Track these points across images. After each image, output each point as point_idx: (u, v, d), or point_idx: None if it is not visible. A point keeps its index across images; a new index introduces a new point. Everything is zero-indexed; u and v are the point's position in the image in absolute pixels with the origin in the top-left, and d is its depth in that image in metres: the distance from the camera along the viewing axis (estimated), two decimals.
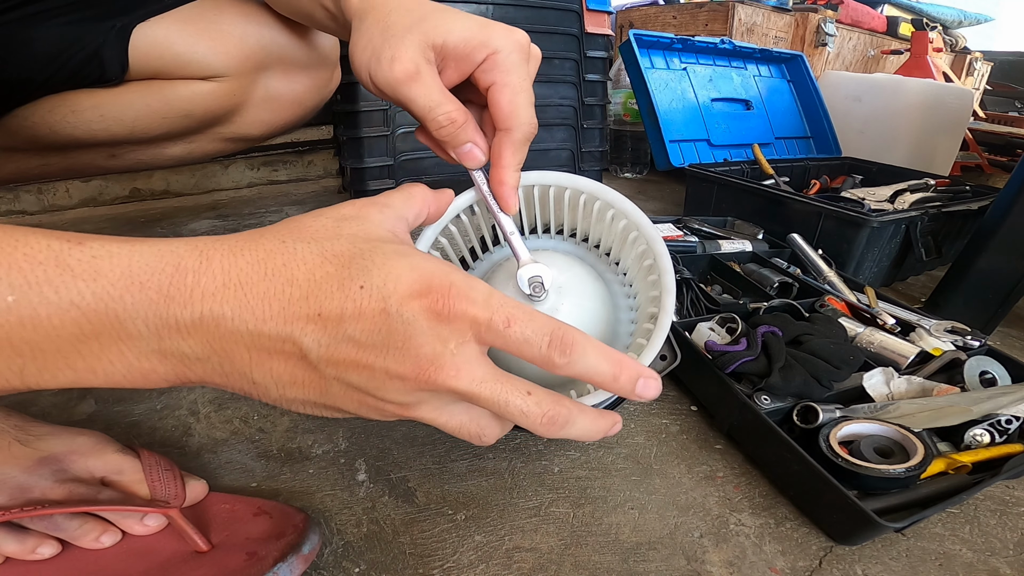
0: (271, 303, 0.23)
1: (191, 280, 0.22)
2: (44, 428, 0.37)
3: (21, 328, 0.20)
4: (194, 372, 0.24)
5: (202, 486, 0.40)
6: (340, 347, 0.23)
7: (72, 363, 0.22)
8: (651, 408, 0.56)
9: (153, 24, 0.51)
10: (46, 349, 0.21)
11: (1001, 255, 0.74)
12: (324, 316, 0.23)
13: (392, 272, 0.24)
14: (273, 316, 0.23)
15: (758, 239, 0.91)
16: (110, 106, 0.53)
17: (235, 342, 0.23)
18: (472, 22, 0.33)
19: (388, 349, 0.23)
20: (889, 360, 0.58)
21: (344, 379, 0.24)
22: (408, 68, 0.31)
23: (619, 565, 0.39)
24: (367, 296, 0.23)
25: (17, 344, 0.21)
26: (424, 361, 0.24)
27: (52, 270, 0.21)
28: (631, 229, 0.40)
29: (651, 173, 1.65)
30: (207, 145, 0.63)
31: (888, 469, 0.42)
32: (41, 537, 0.34)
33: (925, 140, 1.51)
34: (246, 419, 0.52)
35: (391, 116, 1.04)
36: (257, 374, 0.24)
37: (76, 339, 0.21)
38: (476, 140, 0.34)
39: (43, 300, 0.20)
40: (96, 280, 0.21)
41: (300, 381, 0.25)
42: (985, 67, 2.68)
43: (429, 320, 0.23)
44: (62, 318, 0.21)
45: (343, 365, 0.24)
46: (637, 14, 1.91)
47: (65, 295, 0.21)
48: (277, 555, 0.34)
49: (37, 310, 0.20)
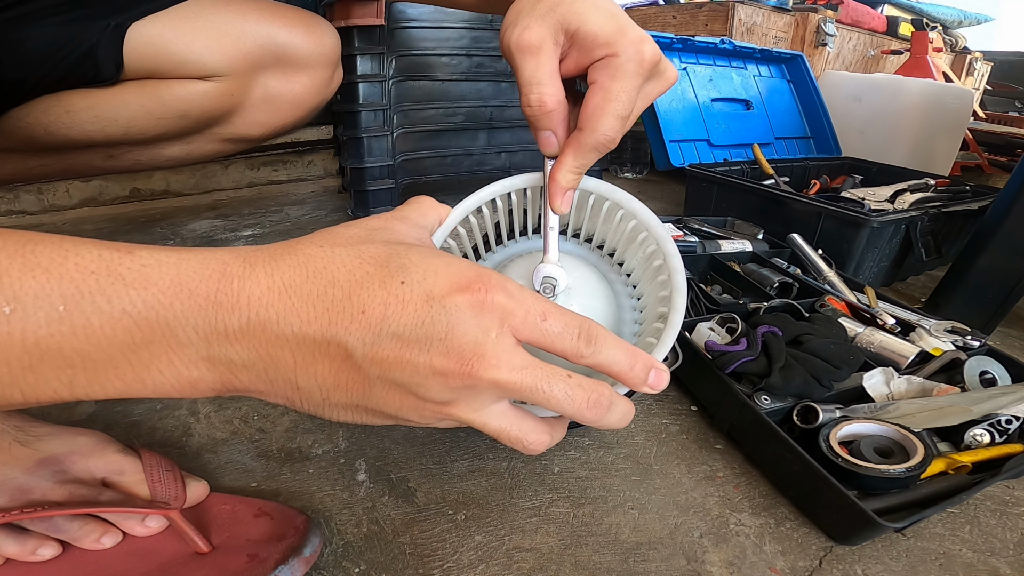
0: (315, 304, 0.23)
1: (236, 286, 0.23)
2: (44, 428, 0.37)
3: (73, 338, 0.21)
4: (240, 380, 0.24)
5: (203, 487, 0.40)
6: (384, 344, 0.23)
7: (122, 373, 0.22)
8: (651, 408, 0.57)
9: (148, 23, 0.50)
10: (97, 359, 0.21)
11: (1001, 255, 0.74)
12: (368, 313, 0.23)
13: (431, 268, 0.24)
14: (317, 318, 0.23)
15: (758, 239, 0.91)
16: (105, 106, 0.53)
17: (281, 346, 0.23)
18: (611, 20, 0.32)
19: (431, 342, 0.23)
20: (889, 360, 0.58)
21: (387, 377, 0.24)
22: (532, 40, 0.31)
23: (619, 565, 0.39)
24: (409, 291, 0.23)
25: (68, 355, 0.21)
26: (467, 351, 0.24)
27: (104, 279, 0.21)
28: (640, 230, 0.39)
29: (651, 173, 1.65)
30: (206, 146, 0.62)
31: (888, 469, 0.42)
32: (42, 538, 0.34)
33: (925, 140, 1.51)
34: (246, 419, 0.52)
35: (391, 116, 1.04)
36: (302, 378, 0.24)
37: (127, 348, 0.21)
38: (557, 130, 0.33)
39: (96, 309, 0.21)
40: (147, 288, 0.21)
41: (344, 384, 0.25)
42: (985, 67, 2.68)
43: (471, 310, 0.24)
44: (114, 327, 0.21)
45: (387, 363, 0.24)
46: (637, 14, 1.91)
47: (117, 304, 0.21)
48: (278, 557, 0.34)
49: (90, 319, 0.21)
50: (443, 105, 1.08)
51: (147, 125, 0.55)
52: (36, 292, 0.20)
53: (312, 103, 0.64)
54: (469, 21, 1.07)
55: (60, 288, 0.20)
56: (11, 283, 0.20)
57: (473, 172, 1.12)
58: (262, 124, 0.62)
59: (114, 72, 0.51)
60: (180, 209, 1.17)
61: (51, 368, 0.21)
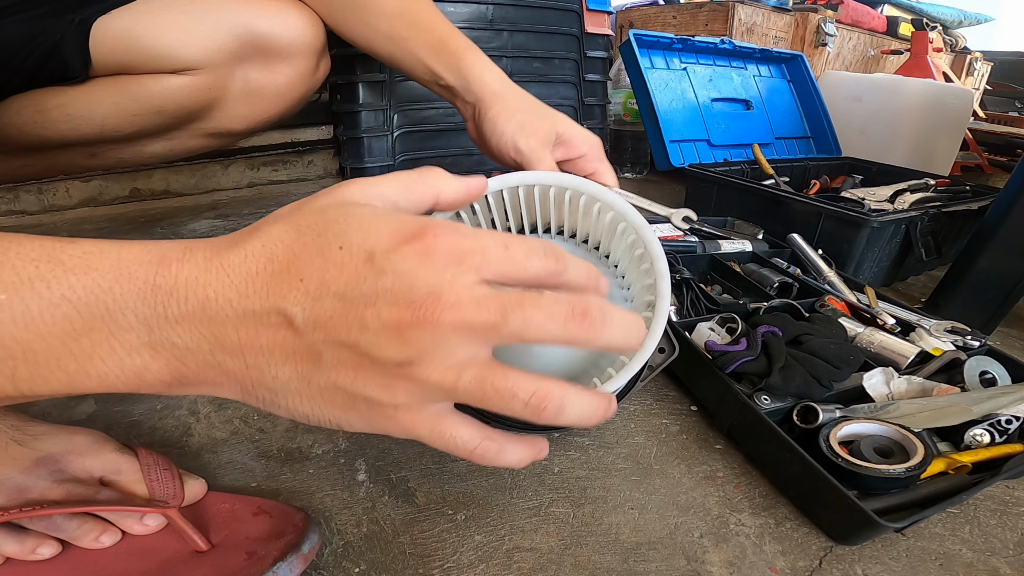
0: (253, 281, 0.22)
1: (175, 269, 0.22)
2: (41, 428, 0.37)
3: (12, 326, 0.20)
4: (187, 367, 0.23)
5: (201, 485, 0.40)
6: (325, 304, 0.22)
7: (64, 364, 0.22)
8: (651, 408, 0.56)
9: (116, 16, 0.49)
10: (38, 349, 0.21)
11: (1001, 255, 0.74)
12: (306, 281, 0.22)
13: (371, 227, 0.23)
14: (256, 292, 0.22)
15: (758, 239, 0.91)
16: (76, 105, 0.52)
17: (223, 324, 0.22)
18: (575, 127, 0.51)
19: (377, 295, 0.22)
20: (889, 360, 0.58)
21: (334, 339, 0.22)
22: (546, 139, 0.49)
23: (619, 565, 0.39)
24: (348, 255, 0.22)
25: (9, 344, 0.21)
26: (419, 296, 0.21)
27: (44, 266, 0.21)
28: (619, 220, 0.41)
29: (651, 173, 1.65)
30: (188, 141, 0.60)
31: (888, 469, 0.42)
32: (41, 537, 0.34)
33: (925, 140, 1.51)
34: (246, 419, 0.52)
35: (391, 116, 1.04)
36: (250, 356, 0.23)
37: (68, 336, 0.21)
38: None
39: (35, 295, 0.21)
40: (87, 273, 0.21)
41: (291, 356, 0.23)
42: (985, 67, 2.68)
43: (420, 258, 0.22)
44: (53, 314, 0.21)
45: (331, 324, 0.22)
46: (637, 14, 1.91)
47: (57, 290, 0.21)
48: (277, 554, 0.34)
49: (29, 306, 0.21)
50: (443, 105, 1.08)
51: (122, 122, 0.54)
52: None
53: (297, 94, 0.61)
54: (469, 21, 1.08)
55: (0, 275, 0.20)
56: None
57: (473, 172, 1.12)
58: (244, 117, 0.60)
59: (82, 69, 0.49)
60: (180, 209, 1.17)
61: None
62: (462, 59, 0.52)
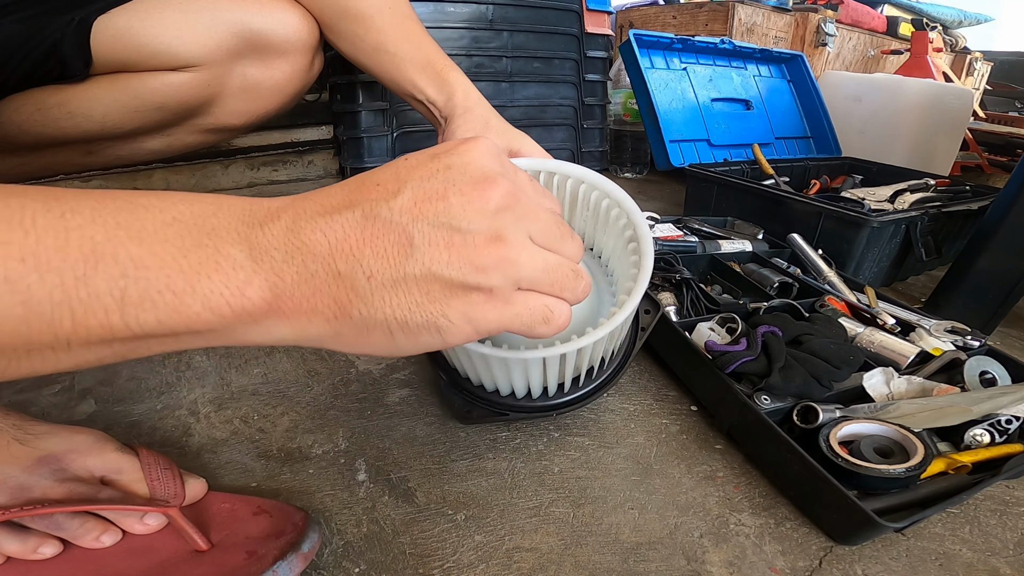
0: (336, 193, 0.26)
1: (267, 203, 0.25)
2: (43, 427, 0.37)
3: (129, 242, 0.21)
4: (284, 280, 0.24)
5: (201, 485, 0.40)
6: (407, 194, 0.25)
7: (173, 282, 0.22)
8: (651, 408, 0.56)
9: (114, 15, 0.49)
10: (150, 265, 0.21)
11: (1001, 255, 0.74)
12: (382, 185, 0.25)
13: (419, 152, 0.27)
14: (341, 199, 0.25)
15: (758, 239, 0.91)
16: (77, 102, 0.52)
17: (312, 231, 0.24)
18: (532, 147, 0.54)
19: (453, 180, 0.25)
20: (889, 360, 0.58)
21: (425, 217, 0.25)
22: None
23: (619, 565, 0.39)
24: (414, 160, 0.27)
25: (123, 260, 0.21)
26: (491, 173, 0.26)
27: (153, 198, 0.23)
28: (591, 190, 0.48)
29: (651, 173, 1.65)
30: (186, 137, 0.61)
31: (888, 469, 0.42)
32: (42, 536, 0.34)
33: (925, 140, 1.51)
34: (246, 419, 0.52)
35: (391, 116, 1.04)
36: (340, 261, 0.24)
37: (178, 251, 0.22)
38: None
39: (150, 216, 0.22)
40: (193, 203, 0.24)
41: (383, 249, 0.25)
42: (985, 67, 2.68)
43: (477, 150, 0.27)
44: (166, 231, 0.22)
45: (417, 207, 0.25)
46: (637, 14, 1.91)
47: (169, 212, 0.23)
48: (277, 553, 0.34)
49: (144, 224, 0.22)
50: None
51: (123, 119, 0.54)
52: (93, 206, 0.22)
53: (293, 89, 0.63)
54: (469, 21, 1.08)
55: (115, 204, 0.22)
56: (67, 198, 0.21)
57: None
58: (243, 113, 0.61)
59: (82, 68, 0.50)
60: None
61: (104, 279, 0.21)
62: (447, 78, 0.57)
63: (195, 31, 0.52)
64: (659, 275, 0.72)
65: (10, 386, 0.55)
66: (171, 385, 0.56)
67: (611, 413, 0.55)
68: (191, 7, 0.52)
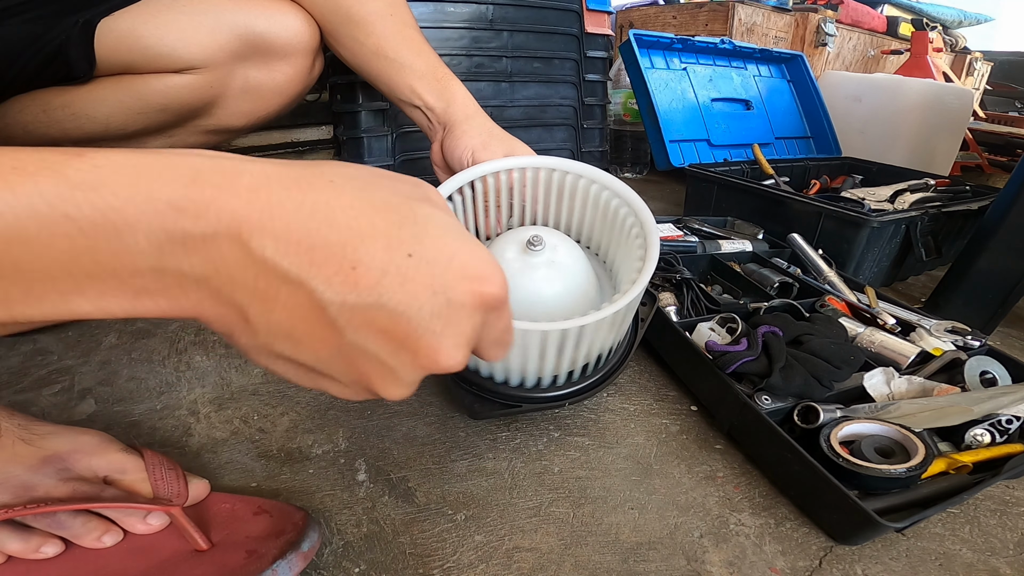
0: (300, 239, 0.20)
1: (209, 194, 0.20)
2: (48, 428, 0.37)
3: (6, 245, 0.18)
4: (188, 298, 0.21)
5: (204, 485, 0.40)
6: (370, 312, 0.21)
7: (59, 284, 0.19)
8: (651, 408, 0.56)
9: (118, 17, 0.50)
10: (34, 268, 0.19)
11: (1001, 255, 0.74)
12: (359, 272, 0.21)
13: (446, 250, 0.22)
14: (299, 253, 0.20)
15: (758, 239, 0.91)
16: (81, 104, 0.52)
17: (246, 267, 0.20)
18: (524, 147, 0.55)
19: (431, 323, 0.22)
20: (889, 360, 0.58)
21: (363, 346, 0.22)
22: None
23: (619, 565, 0.39)
24: (414, 269, 0.21)
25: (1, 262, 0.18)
26: (459, 340, 0.23)
27: (44, 181, 0.18)
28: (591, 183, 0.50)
29: (651, 173, 1.66)
30: (189, 138, 0.62)
31: (889, 469, 0.42)
32: (45, 536, 0.34)
33: (925, 140, 1.51)
34: (246, 419, 0.52)
35: (391, 116, 1.04)
36: (255, 312, 0.21)
37: (67, 257, 0.19)
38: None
39: (32, 213, 0.18)
40: (96, 191, 0.19)
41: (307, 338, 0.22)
42: (985, 67, 2.68)
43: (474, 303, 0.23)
44: (52, 232, 0.18)
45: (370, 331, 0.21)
46: (637, 14, 1.91)
47: (59, 208, 0.18)
48: (276, 553, 0.34)
49: (25, 224, 0.18)
50: None
51: (127, 120, 0.55)
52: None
53: (295, 91, 0.63)
54: (469, 21, 1.08)
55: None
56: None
57: None
58: (245, 114, 0.61)
59: (87, 69, 0.50)
60: None
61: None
62: (447, 86, 0.57)
63: (198, 34, 0.52)
64: (659, 275, 0.72)
65: (10, 386, 0.55)
66: (171, 385, 0.56)
67: (611, 413, 0.55)
68: (195, 10, 0.52)
